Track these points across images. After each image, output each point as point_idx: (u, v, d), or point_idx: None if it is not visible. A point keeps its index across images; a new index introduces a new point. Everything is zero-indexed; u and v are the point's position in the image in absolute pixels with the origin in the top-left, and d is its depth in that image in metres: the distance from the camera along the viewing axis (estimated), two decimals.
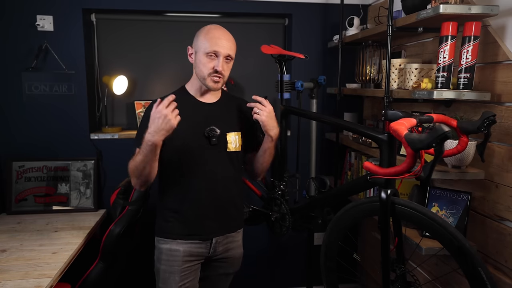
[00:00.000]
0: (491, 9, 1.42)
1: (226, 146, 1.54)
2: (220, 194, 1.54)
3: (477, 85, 1.59)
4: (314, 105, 2.17)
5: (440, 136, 1.04)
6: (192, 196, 1.50)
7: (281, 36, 2.61)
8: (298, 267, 2.65)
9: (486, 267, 1.16)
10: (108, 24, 2.43)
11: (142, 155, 1.35)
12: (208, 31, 1.48)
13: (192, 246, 1.52)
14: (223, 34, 1.48)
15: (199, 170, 1.50)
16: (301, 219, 1.96)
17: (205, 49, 1.44)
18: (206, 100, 1.56)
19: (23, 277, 1.50)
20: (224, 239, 1.58)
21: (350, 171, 2.37)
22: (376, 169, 1.30)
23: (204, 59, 1.45)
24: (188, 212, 1.51)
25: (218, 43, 1.44)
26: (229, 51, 1.46)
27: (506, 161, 1.47)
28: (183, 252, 1.50)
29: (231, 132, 1.55)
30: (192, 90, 1.56)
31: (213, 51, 1.43)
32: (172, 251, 1.50)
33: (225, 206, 1.56)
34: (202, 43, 1.46)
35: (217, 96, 1.60)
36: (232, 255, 1.62)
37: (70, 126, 2.30)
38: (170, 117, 1.29)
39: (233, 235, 1.61)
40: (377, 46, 2.07)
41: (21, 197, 2.22)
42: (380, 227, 1.38)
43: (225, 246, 1.59)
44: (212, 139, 1.49)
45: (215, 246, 1.55)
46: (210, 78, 1.46)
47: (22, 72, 2.21)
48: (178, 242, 1.51)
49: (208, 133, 1.49)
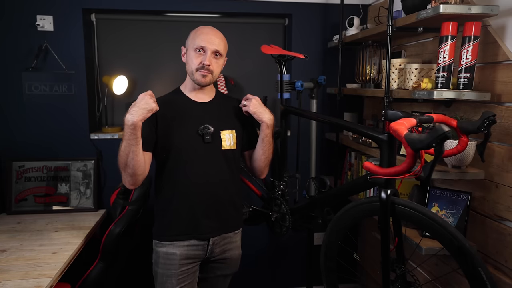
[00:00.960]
0: (491, 9, 1.42)
1: (220, 144, 1.53)
2: (216, 193, 1.53)
3: (477, 85, 1.59)
4: (314, 105, 2.17)
5: (440, 136, 1.04)
6: (187, 195, 1.50)
7: (281, 36, 2.61)
8: (298, 267, 2.65)
9: (486, 267, 1.16)
10: (108, 24, 2.43)
11: (124, 140, 1.35)
12: (197, 29, 1.52)
13: (189, 249, 1.51)
14: (212, 31, 1.52)
15: (194, 168, 1.50)
16: (301, 219, 1.96)
17: (193, 45, 1.48)
18: (200, 99, 1.57)
19: (23, 277, 1.50)
20: (221, 240, 1.57)
21: (350, 171, 2.37)
22: (376, 169, 1.29)
23: (192, 54, 1.48)
24: (184, 211, 1.50)
25: (206, 38, 1.47)
26: (216, 46, 1.48)
27: (506, 161, 1.47)
28: (180, 255, 1.49)
29: (225, 130, 1.55)
30: (186, 90, 1.58)
31: (200, 46, 1.46)
32: (168, 254, 1.50)
33: (221, 205, 1.55)
34: (191, 41, 1.50)
35: (211, 96, 1.60)
36: (229, 256, 1.61)
37: (70, 126, 2.31)
38: (152, 100, 1.35)
39: (230, 236, 1.60)
40: (377, 46, 2.07)
41: (21, 197, 2.22)
42: (380, 227, 1.38)
43: (222, 247, 1.58)
44: (206, 137, 1.50)
45: (212, 247, 1.54)
46: (198, 73, 1.48)
47: (22, 72, 2.21)
48: (175, 245, 1.50)
49: (201, 131, 1.50)
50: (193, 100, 1.56)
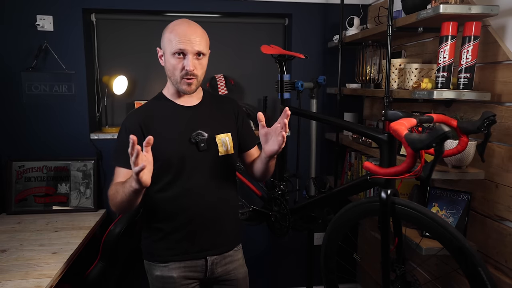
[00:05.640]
0: (491, 9, 1.42)
1: (217, 150, 1.38)
2: (215, 206, 1.38)
3: (477, 85, 1.59)
4: (314, 105, 2.17)
5: (440, 136, 1.04)
6: (183, 211, 1.35)
7: (281, 36, 2.61)
8: (298, 267, 2.65)
9: (486, 267, 1.16)
10: (108, 24, 2.43)
11: (124, 194, 1.19)
12: (172, 28, 1.30)
13: (186, 270, 1.38)
14: (188, 28, 1.29)
15: (190, 180, 1.34)
16: (301, 219, 1.96)
17: (171, 49, 1.28)
18: (187, 103, 1.40)
19: (23, 277, 1.50)
20: (221, 260, 1.43)
21: (350, 171, 2.37)
22: (376, 169, 1.30)
23: (172, 60, 1.29)
24: (180, 229, 1.35)
25: (183, 40, 1.26)
26: (197, 47, 1.28)
27: (506, 161, 1.47)
28: (177, 277, 1.37)
29: (220, 134, 1.40)
30: (169, 95, 1.40)
31: (179, 49, 1.26)
32: (165, 278, 1.37)
33: (220, 220, 1.40)
34: (167, 43, 1.29)
35: (199, 97, 1.43)
36: (234, 276, 1.46)
37: (70, 126, 2.31)
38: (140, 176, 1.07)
39: (231, 254, 1.45)
40: (377, 46, 2.07)
41: (21, 197, 2.22)
42: (380, 227, 1.38)
43: (224, 268, 1.44)
44: (201, 144, 1.34)
45: (211, 267, 1.41)
46: (183, 81, 1.30)
47: (22, 72, 2.21)
48: (170, 267, 1.37)
49: (195, 138, 1.34)
50: (179, 105, 1.39)
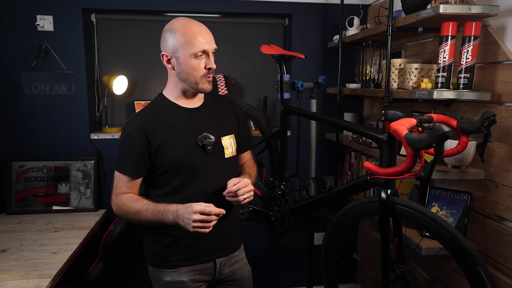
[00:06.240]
0: (491, 9, 1.42)
1: (223, 152, 1.38)
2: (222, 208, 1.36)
3: (477, 85, 1.59)
4: (314, 105, 2.17)
5: (440, 136, 1.04)
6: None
7: (281, 36, 2.61)
8: (298, 267, 2.65)
9: (486, 267, 1.16)
10: (108, 24, 2.43)
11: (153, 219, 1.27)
12: (182, 29, 1.28)
13: (196, 273, 1.40)
14: (201, 27, 1.31)
15: (198, 185, 1.34)
16: (301, 219, 1.96)
17: (192, 50, 1.26)
18: (191, 105, 1.38)
19: (23, 277, 1.50)
20: (228, 261, 1.46)
21: (350, 171, 2.37)
22: (376, 169, 1.29)
23: (193, 62, 1.28)
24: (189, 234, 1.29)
25: (203, 40, 1.27)
26: (214, 44, 1.31)
27: (506, 161, 1.47)
28: (188, 281, 1.38)
29: (226, 135, 1.40)
30: (172, 97, 1.37)
31: (202, 50, 1.27)
32: (176, 283, 1.37)
33: (227, 223, 1.39)
34: (184, 45, 1.27)
35: (201, 98, 1.42)
36: (240, 276, 1.50)
37: (70, 126, 2.31)
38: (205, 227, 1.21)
39: (236, 255, 1.49)
40: (377, 46, 2.07)
41: (21, 197, 2.22)
42: (380, 227, 1.38)
43: (231, 268, 1.47)
44: (208, 147, 1.33)
45: (220, 269, 1.43)
46: (204, 80, 1.31)
47: (22, 72, 2.22)
48: (180, 271, 1.37)
49: (201, 141, 1.33)
50: (183, 107, 1.36)
